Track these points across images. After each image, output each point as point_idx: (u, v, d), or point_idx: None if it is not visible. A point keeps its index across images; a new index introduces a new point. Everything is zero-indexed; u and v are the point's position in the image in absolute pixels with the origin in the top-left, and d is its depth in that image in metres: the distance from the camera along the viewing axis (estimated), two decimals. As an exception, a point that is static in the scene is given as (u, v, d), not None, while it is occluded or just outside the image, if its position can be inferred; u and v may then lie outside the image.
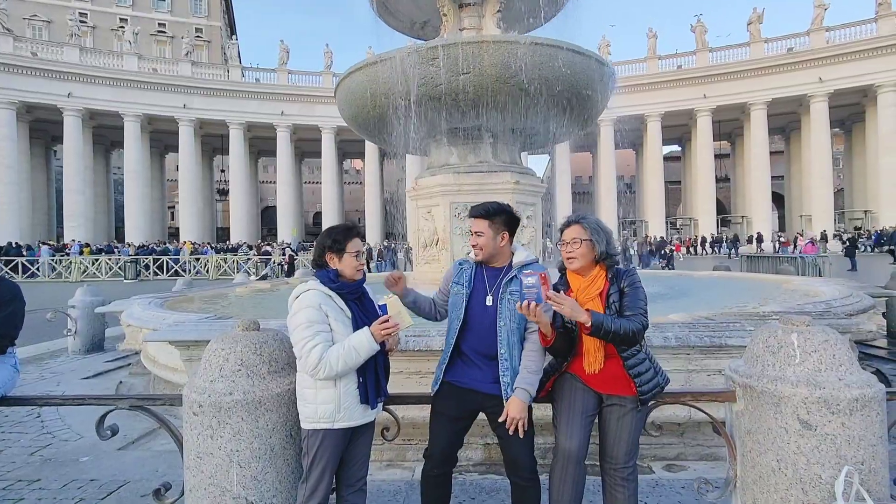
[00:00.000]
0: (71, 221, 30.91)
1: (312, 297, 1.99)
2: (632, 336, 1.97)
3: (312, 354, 1.90)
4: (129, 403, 2.33)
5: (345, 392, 1.97)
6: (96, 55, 33.08)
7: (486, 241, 2.16)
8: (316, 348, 1.90)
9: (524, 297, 1.92)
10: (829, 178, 31.45)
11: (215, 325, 3.99)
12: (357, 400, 1.99)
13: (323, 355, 1.90)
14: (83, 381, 5.75)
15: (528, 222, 6.98)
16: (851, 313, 4.16)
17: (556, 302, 1.92)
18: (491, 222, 2.16)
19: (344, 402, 1.97)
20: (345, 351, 1.91)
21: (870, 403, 1.83)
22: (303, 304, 1.99)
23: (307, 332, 1.93)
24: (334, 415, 1.96)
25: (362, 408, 2.01)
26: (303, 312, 1.96)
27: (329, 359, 1.90)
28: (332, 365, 1.90)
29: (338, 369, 1.91)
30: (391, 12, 7.85)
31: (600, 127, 33.27)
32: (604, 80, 6.52)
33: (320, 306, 1.97)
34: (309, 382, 1.99)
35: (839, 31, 30.45)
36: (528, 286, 1.91)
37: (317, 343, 1.91)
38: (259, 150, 41.46)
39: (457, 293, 2.18)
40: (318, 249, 2.13)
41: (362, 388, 1.99)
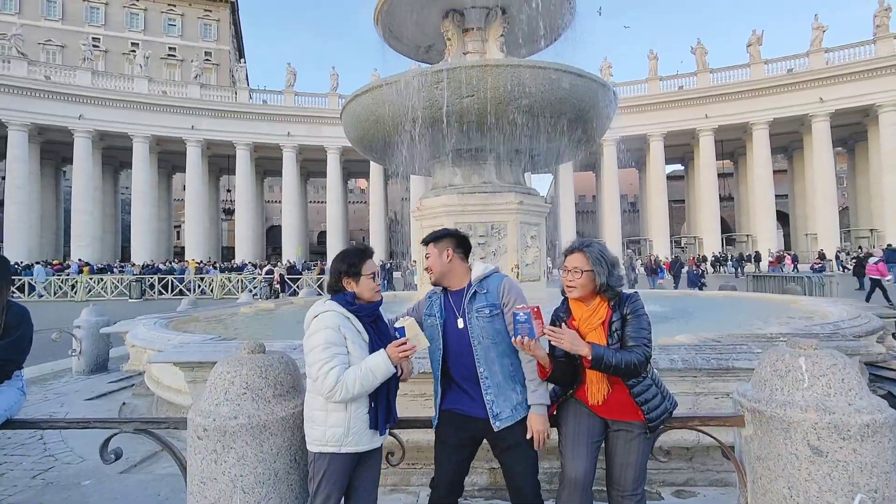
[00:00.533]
0: (78, 241, 31.20)
1: (332, 318, 1.98)
2: (633, 369, 1.95)
3: (329, 377, 1.88)
4: (134, 427, 2.32)
5: (355, 416, 1.95)
6: (108, 78, 33.86)
7: (433, 261, 2.23)
8: (333, 371, 1.88)
9: (518, 333, 1.93)
10: (834, 196, 31.42)
11: (220, 346, 3.99)
12: (367, 425, 1.98)
13: (340, 378, 1.88)
14: (87, 403, 5.73)
15: (532, 242, 6.99)
16: (860, 335, 4.12)
17: (556, 337, 1.92)
18: (436, 243, 2.24)
19: (354, 426, 1.95)
20: (361, 373, 1.90)
21: (881, 429, 1.81)
22: (321, 325, 1.96)
23: (325, 353, 1.91)
24: (343, 439, 1.94)
25: (371, 433, 1.99)
26: (321, 333, 1.94)
27: (346, 381, 1.88)
28: (349, 388, 1.88)
29: (354, 392, 1.89)
30: (396, 37, 8.02)
31: (603, 147, 33.52)
32: (606, 101, 6.60)
33: (339, 328, 1.96)
34: (319, 404, 1.97)
35: (838, 53, 30.80)
36: (520, 321, 1.92)
37: (334, 365, 1.89)
38: (265, 169, 41.95)
39: (431, 325, 2.18)
40: (335, 275, 2.12)
41: (373, 414, 1.97)
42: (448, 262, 2.22)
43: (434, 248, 2.24)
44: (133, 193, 33.87)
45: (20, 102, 29.78)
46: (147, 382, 5.19)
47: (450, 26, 7.44)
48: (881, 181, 29.73)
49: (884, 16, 29.30)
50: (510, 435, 2.07)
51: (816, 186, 31.41)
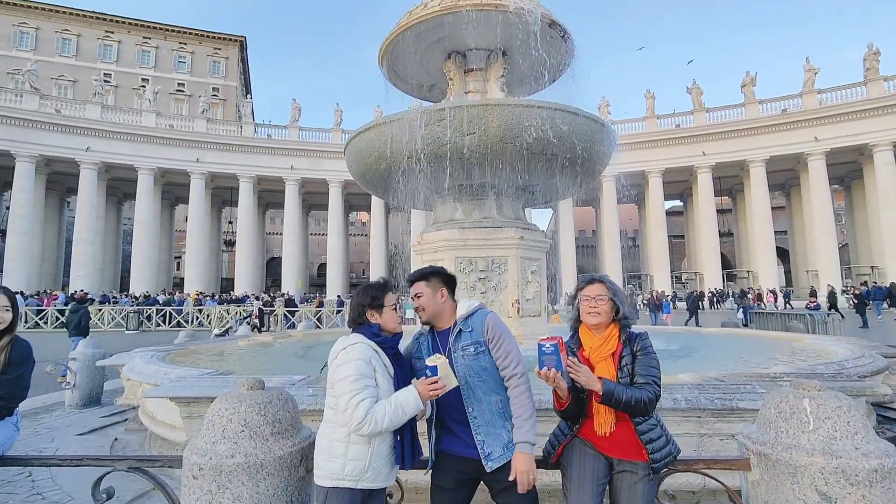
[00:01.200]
0: (78, 271, 31.19)
1: (363, 351, 1.96)
2: (643, 407, 1.97)
3: (360, 409, 1.84)
4: (128, 465, 2.27)
5: (377, 451, 1.92)
6: (117, 112, 34.68)
7: (426, 301, 2.18)
8: (364, 403, 1.86)
9: (543, 364, 1.91)
10: (833, 233, 31.60)
11: (217, 381, 3.94)
12: (387, 460, 1.95)
13: (370, 411, 1.85)
14: (78, 438, 5.60)
15: (532, 277, 7.00)
16: (865, 375, 4.07)
17: (574, 370, 1.93)
18: (427, 282, 2.20)
19: (375, 461, 1.92)
20: (392, 408, 1.87)
21: (890, 474, 1.77)
22: (352, 357, 1.94)
23: (356, 385, 1.88)
24: (362, 474, 1.90)
25: (389, 468, 1.97)
26: (352, 364, 1.92)
27: (375, 415, 1.85)
28: (378, 422, 1.86)
29: (382, 427, 1.87)
30: (401, 76, 8.28)
31: (603, 182, 33.94)
32: (604, 139, 6.74)
33: (370, 360, 1.95)
34: (340, 435, 1.92)
35: (831, 94, 31.63)
36: (546, 353, 1.91)
37: (364, 398, 1.87)
38: (267, 202, 42.40)
39: (420, 368, 2.11)
40: (357, 309, 2.12)
41: (398, 448, 1.95)
42: (442, 302, 2.20)
43: (427, 288, 2.19)
44: (135, 224, 34.12)
45: (29, 135, 30.39)
46: (141, 417, 5.10)
47: (452, 67, 7.69)
48: (879, 218, 29.99)
49: (874, 59, 30.26)
50: (504, 475, 2.01)
51: (815, 223, 31.66)
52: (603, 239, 36.80)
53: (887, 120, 29.29)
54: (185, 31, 52.91)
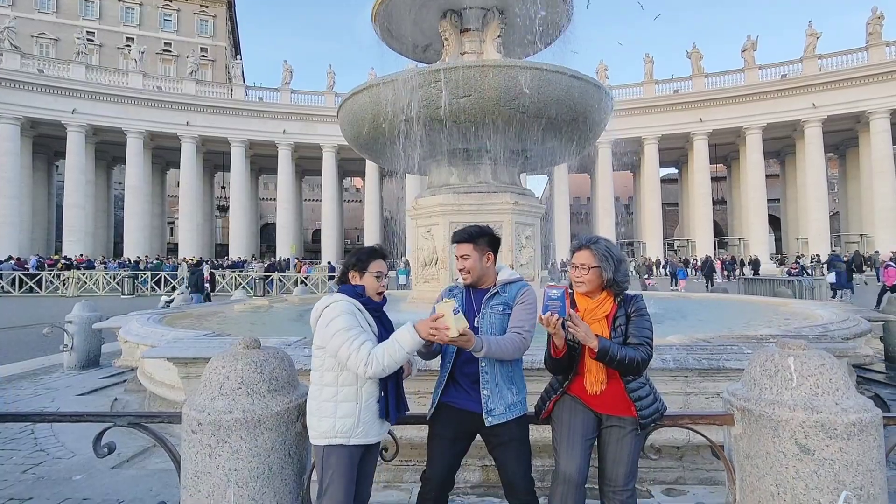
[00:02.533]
0: (70, 236, 30.91)
1: (346, 305, 2.01)
2: (636, 366, 2.01)
3: (363, 350, 1.90)
4: (128, 421, 2.32)
5: (365, 407, 1.98)
6: (102, 72, 33.57)
7: (472, 264, 2.18)
8: (365, 345, 1.91)
9: (547, 309, 1.93)
10: (825, 201, 31.73)
11: (214, 342, 3.98)
12: (376, 415, 2.00)
13: (371, 351, 1.91)
14: (78, 398, 5.69)
15: (526, 242, 7.03)
16: (848, 337, 4.18)
17: (573, 324, 1.95)
18: (475, 245, 2.19)
19: (364, 416, 1.98)
20: (388, 346, 1.92)
21: (867, 428, 1.84)
22: (338, 311, 1.99)
23: (350, 332, 1.93)
24: (353, 430, 1.96)
25: (379, 424, 2.03)
26: (341, 318, 1.97)
27: (376, 353, 1.91)
28: (380, 359, 1.90)
29: (384, 363, 1.91)
30: (394, 36, 8.03)
31: (598, 149, 33.63)
32: (601, 103, 6.65)
33: (354, 314, 2.00)
34: (328, 395, 1.98)
35: (831, 59, 31.08)
36: (552, 298, 1.93)
37: (364, 340, 1.93)
38: (260, 167, 41.79)
39: None
40: (343, 268, 2.20)
41: (383, 403, 2.00)
42: (487, 266, 2.21)
43: (474, 251, 2.18)
44: (126, 189, 33.59)
45: (12, 96, 29.47)
46: (140, 378, 5.17)
47: (447, 26, 7.47)
48: (872, 187, 30.06)
49: (876, 23, 29.60)
50: (504, 432, 2.10)
51: (808, 191, 31.72)
52: (597, 206, 36.76)
53: (886, 87, 28.93)
54: (170, -13, 50.72)
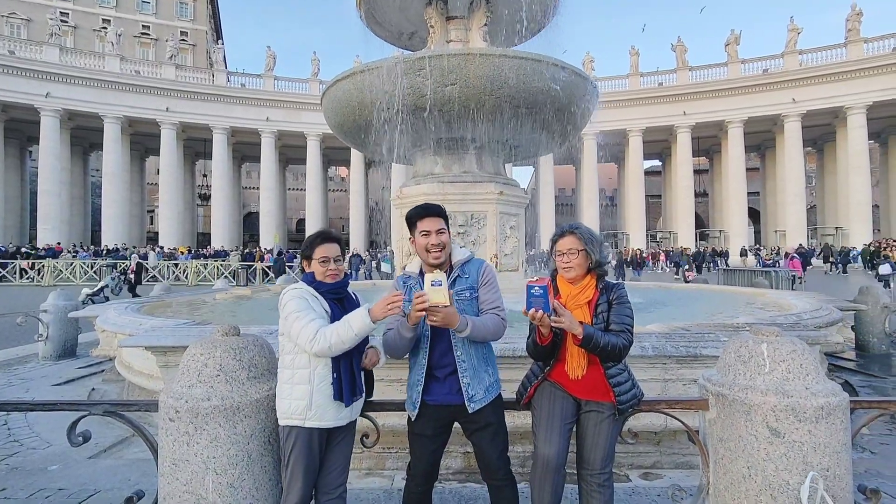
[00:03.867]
0: (45, 224, 30.08)
1: (299, 292, 2.08)
2: (617, 352, 2.05)
3: (309, 328, 1.95)
4: (104, 409, 2.28)
5: (318, 389, 1.99)
6: (77, 55, 32.52)
7: (447, 239, 2.15)
8: (312, 322, 1.96)
9: (531, 305, 1.95)
10: (803, 195, 32.44)
11: (193, 330, 3.93)
12: (330, 398, 1.99)
13: (318, 329, 1.95)
14: (54, 388, 5.58)
15: (511, 232, 7.05)
16: (820, 325, 4.30)
17: (558, 316, 1.97)
18: (444, 220, 2.17)
19: (316, 399, 1.98)
20: (339, 325, 1.96)
21: (835, 412, 1.90)
22: (292, 296, 2.07)
23: (302, 314, 2.00)
24: (305, 412, 1.98)
25: (335, 407, 2.01)
26: (294, 301, 2.04)
27: (325, 332, 1.94)
28: (327, 337, 1.93)
29: (331, 341, 1.93)
30: (379, 23, 7.93)
31: (583, 140, 33.79)
32: (587, 94, 6.66)
33: (307, 299, 2.06)
34: (286, 377, 2.03)
35: (812, 55, 31.62)
36: (535, 295, 1.95)
37: (312, 318, 1.98)
38: (243, 155, 41.08)
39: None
40: (301, 256, 2.27)
41: (336, 384, 1.99)
42: (449, 243, 2.19)
43: (445, 225, 2.16)
44: (104, 176, 32.71)
45: (-19, 78, 28.47)
46: (118, 368, 5.09)
47: (433, 14, 7.38)
48: (847, 181, 30.81)
49: (856, 20, 30.15)
50: (482, 416, 2.12)
51: (787, 185, 32.38)
52: (582, 197, 37.05)
53: (864, 83, 29.57)
54: (148, -32, 49.10)
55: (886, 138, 34.03)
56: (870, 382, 5.60)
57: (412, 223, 2.18)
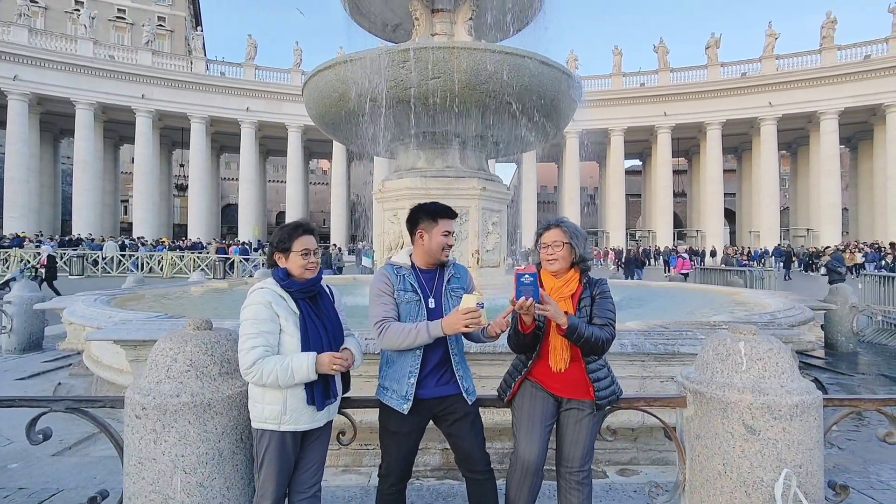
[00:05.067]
0: (11, 212, 28.97)
1: (262, 295, 1.94)
2: (601, 345, 2.04)
3: (249, 356, 1.85)
4: (66, 405, 2.18)
5: (292, 394, 1.91)
6: (48, 38, 31.29)
7: (454, 242, 2.22)
8: (254, 350, 1.85)
9: (521, 294, 1.93)
10: (776, 196, 33.30)
11: (165, 324, 3.81)
12: (304, 402, 1.92)
13: (257, 360, 1.84)
14: (17, 382, 5.38)
15: (493, 228, 7.04)
16: (794, 324, 4.39)
17: (544, 303, 1.94)
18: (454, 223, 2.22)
19: (291, 403, 1.90)
20: (281, 368, 1.84)
21: (808, 409, 1.93)
22: (253, 301, 1.94)
23: (251, 329, 1.88)
24: (280, 417, 1.90)
25: (310, 410, 1.94)
26: (251, 308, 1.92)
27: (263, 368, 1.83)
28: (264, 376, 1.84)
29: (266, 383, 1.85)
30: (363, 13, 7.81)
31: (566, 138, 34.07)
32: (571, 91, 6.67)
33: (270, 305, 1.92)
34: None
35: (788, 60, 32.38)
36: (524, 283, 1.93)
37: (256, 345, 1.85)
38: (222, 145, 40.23)
39: (409, 300, 2.10)
40: (269, 248, 2.09)
41: (308, 390, 1.92)
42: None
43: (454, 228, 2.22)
44: (75, 164, 31.63)
45: (-56, 58, 27.23)
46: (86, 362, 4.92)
47: (418, 6, 7.30)
48: (819, 184, 31.72)
49: (830, 27, 30.96)
50: (462, 406, 2.13)
51: (761, 187, 33.18)
52: (564, 195, 37.35)
53: (836, 89, 30.42)
54: (124, -51, 47.51)
55: (857, 143, 35.10)
56: (838, 380, 5.76)
57: (427, 219, 2.16)
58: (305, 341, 1.93)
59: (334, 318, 2.07)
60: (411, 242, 2.24)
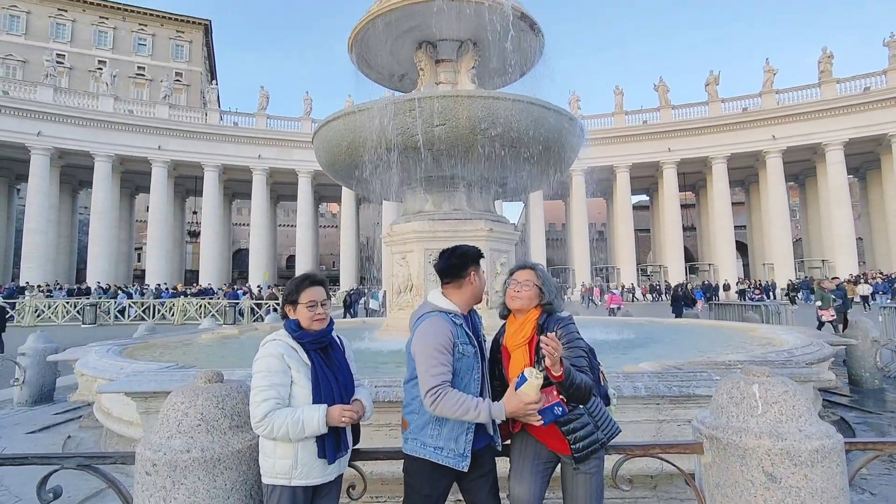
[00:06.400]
0: (29, 262, 29.61)
1: (275, 347, 1.96)
2: (588, 392, 1.96)
3: (260, 409, 1.85)
4: (77, 462, 2.17)
5: (303, 447, 1.90)
6: (71, 95, 32.92)
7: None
8: (265, 403, 1.85)
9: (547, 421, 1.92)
10: (788, 228, 33.07)
11: (176, 375, 3.82)
12: (315, 455, 1.91)
13: (269, 413, 1.84)
14: (28, 436, 5.34)
15: (501, 269, 7.05)
16: (812, 362, 4.28)
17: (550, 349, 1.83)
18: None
19: (302, 457, 1.89)
20: (292, 421, 1.84)
21: (830, 454, 1.87)
22: (265, 353, 1.96)
23: (262, 381, 1.89)
24: (291, 471, 1.88)
25: (321, 464, 1.92)
26: (263, 360, 1.94)
27: (273, 422, 1.83)
28: (274, 430, 1.84)
29: (277, 436, 1.85)
30: (371, 65, 8.16)
31: (572, 176, 34.46)
32: (574, 133, 6.83)
33: (282, 356, 1.93)
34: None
35: (788, 94, 32.93)
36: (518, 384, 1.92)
37: (268, 398, 1.86)
38: (234, 192, 41.24)
39: (467, 354, 2.00)
40: (282, 301, 2.14)
41: (320, 443, 1.91)
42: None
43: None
44: (92, 213, 32.53)
45: (-26, 117, 28.62)
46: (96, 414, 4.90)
47: (423, 57, 7.62)
48: (830, 215, 31.52)
49: (827, 62, 31.62)
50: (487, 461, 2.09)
51: (772, 218, 33.03)
52: (572, 232, 37.41)
53: (839, 121, 30.72)
54: (146, 12, 50.52)
55: (865, 173, 35.09)
56: (865, 419, 5.55)
57: (477, 261, 2.18)
58: (317, 393, 1.93)
59: (345, 368, 2.08)
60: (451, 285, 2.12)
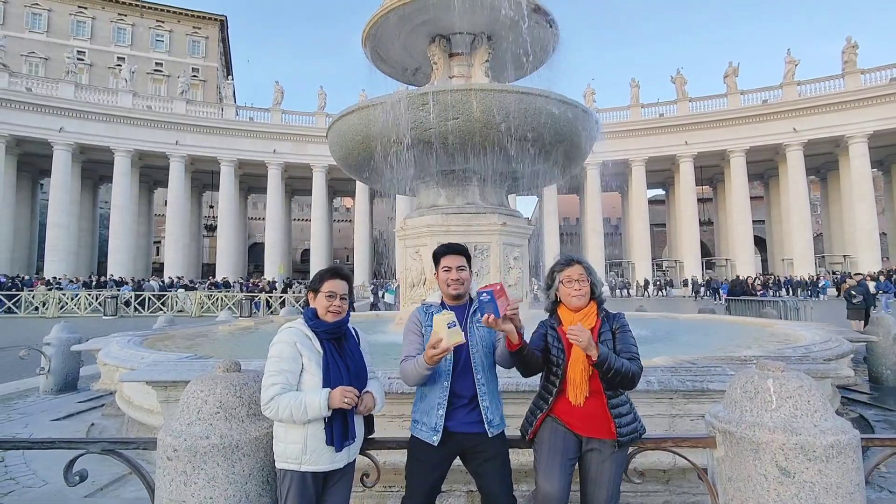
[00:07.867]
0: (52, 255, 30.39)
1: (289, 335, 2.04)
2: (631, 378, 2.04)
3: (267, 392, 1.94)
4: (101, 447, 2.25)
5: (312, 434, 1.95)
6: (91, 91, 33.53)
7: (467, 276, 2.27)
8: (273, 387, 1.93)
9: (483, 311, 2.00)
10: (808, 223, 32.37)
11: (195, 364, 3.91)
12: (324, 442, 1.96)
13: (275, 396, 1.92)
14: (53, 423, 5.52)
15: (514, 263, 7.05)
16: (830, 358, 4.21)
17: (575, 335, 1.97)
18: (466, 258, 2.30)
19: (311, 444, 1.95)
20: (295, 404, 1.91)
21: (845, 450, 1.85)
22: (278, 339, 2.04)
23: (272, 367, 1.98)
24: (300, 456, 1.95)
25: (330, 451, 1.97)
26: (276, 346, 2.02)
27: (279, 404, 1.91)
28: (279, 411, 1.91)
29: (281, 417, 1.93)
30: (384, 59, 8.16)
31: (587, 170, 34.14)
32: (588, 127, 6.76)
33: (295, 344, 2.01)
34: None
35: (810, 86, 32.11)
36: (483, 301, 1.99)
37: (275, 382, 1.94)
38: (249, 186, 41.71)
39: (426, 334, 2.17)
40: (307, 287, 2.24)
41: (328, 430, 1.97)
42: (469, 280, 2.32)
43: (467, 263, 2.28)
44: (112, 208, 33.25)
45: (0, 114, 29.32)
46: (118, 402, 5.04)
47: (436, 51, 7.60)
48: (853, 209, 30.76)
49: (851, 52, 30.75)
50: (491, 446, 2.13)
51: (791, 213, 32.37)
52: (586, 226, 37.11)
53: (863, 112, 29.90)
54: (163, 9, 51.15)
55: (889, 166, 34.18)
56: (885, 417, 5.44)
57: (436, 259, 2.30)
58: (326, 380, 1.99)
59: (358, 359, 2.12)
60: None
